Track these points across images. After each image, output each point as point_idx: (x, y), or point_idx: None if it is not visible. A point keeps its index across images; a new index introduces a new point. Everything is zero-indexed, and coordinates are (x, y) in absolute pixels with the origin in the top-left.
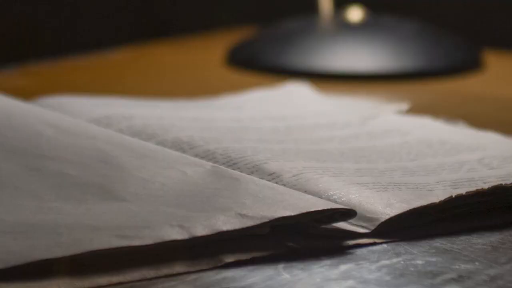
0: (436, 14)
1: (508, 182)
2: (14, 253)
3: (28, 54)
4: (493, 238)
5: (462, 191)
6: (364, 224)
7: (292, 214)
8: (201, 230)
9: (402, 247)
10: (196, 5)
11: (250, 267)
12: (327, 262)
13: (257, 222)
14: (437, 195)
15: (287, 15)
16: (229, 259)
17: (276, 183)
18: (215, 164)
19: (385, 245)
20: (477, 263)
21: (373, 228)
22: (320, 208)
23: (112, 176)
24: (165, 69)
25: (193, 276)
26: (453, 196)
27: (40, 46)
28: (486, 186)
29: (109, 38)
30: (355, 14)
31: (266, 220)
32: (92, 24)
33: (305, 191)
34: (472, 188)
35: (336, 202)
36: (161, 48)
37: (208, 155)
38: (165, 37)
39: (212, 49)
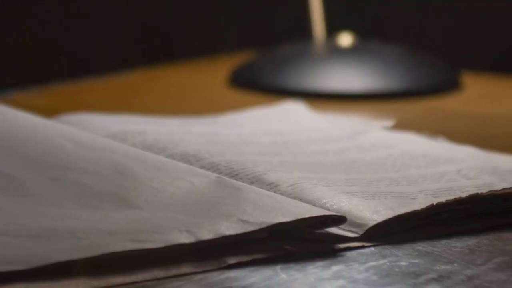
0: (418, 39)
1: (483, 191)
2: (36, 255)
3: (49, 76)
4: (470, 241)
5: (442, 199)
6: (353, 229)
7: (289, 220)
8: (206, 235)
9: (388, 250)
10: (201, 31)
11: (250, 268)
12: (320, 263)
13: (257, 227)
14: (420, 203)
15: (284, 41)
16: (232, 260)
17: (274, 192)
18: (219, 175)
19: (372, 248)
20: (455, 264)
21: (361, 232)
22: (314, 215)
23: (126, 185)
24: (173, 89)
25: (199, 276)
26: (434, 204)
27: (60, 69)
28: (463, 195)
29: (122, 62)
30: (345, 39)
31: (265, 225)
32: (107, 48)
33: (301, 200)
34: (451, 196)
35: (328, 209)
36: (169, 71)
37: (213, 167)
38: (173, 61)
39: (216, 71)
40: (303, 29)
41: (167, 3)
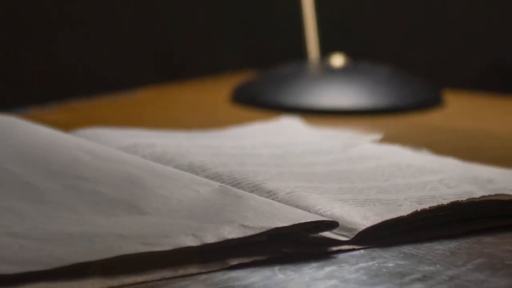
0: (404, 59)
1: (463, 199)
2: (56, 257)
3: (67, 93)
4: (451, 245)
5: (426, 206)
6: (345, 233)
7: (286, 225)
8: (210, 238)
9: (376, 252)
10: (206, 53)
11: (251, 269)
12: (314, 264)
13: (257, 231)
14: (405, 210)
15: (282, 61)
16: (234, 262)
17: (273, 199)
18: (222, 184)
19: (362, 251)
20: (438, 266)
21: (352, 236)
22: (309, 220)
23: (137, 194)
24: (180, 106)
25: (204, 276)
26: (418, 210)
27: (76, 87)
28: (445, 202)
29: (134, 81)
30: (337, 60)
31: (264, 230)
32: (120, 68)
33: (297, 206)
34: (434, 204)
35: (322, 215)
36: (177, 89)
37: (217, 177)
38: (180, 80)
39: (219, 90)
40: (299, 51)
41: (175, 28)
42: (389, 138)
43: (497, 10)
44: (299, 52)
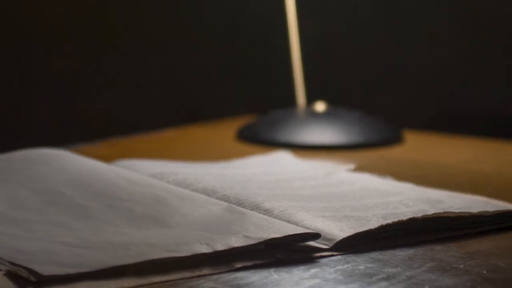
0: (372, 105)
1: (419, 215)
2: (98, 261)
3: (108, 132)
4: (409, 251)
5: (389, 221)
6: (326, 243)
7: (280, 236)
8: (220, 246)
9: (350, 257)
10: (217, 101)
11: (252, 271)
12: (302, 267)
13: (257, 241)
14: (373, 224)
15: (276, 107)
16: (238, 265)
17: (269, 216)
18: (229, 204)
19: (339, 256)
20: (399, 268)
21: (332, 245)
22: (298, 232)
23: (163, 211)
24: (197, 142)
25: (215, 276)
26: (383, 224)
27: (116, 127)
28: (404, 218)
29: (160, 123)
30: (320, 107)
31: (262, 240)
32: (150, 113)
33: (288, 221)
34: (396, 219)
35: (308, 228)
36: (195, 129)
37: (225, 198)
38: (197, 122)
39: (227, 130)
40: (290, 99)
41: (193, 83)
42: (360, 168)
43: (446, 68)
44: (290, 100)
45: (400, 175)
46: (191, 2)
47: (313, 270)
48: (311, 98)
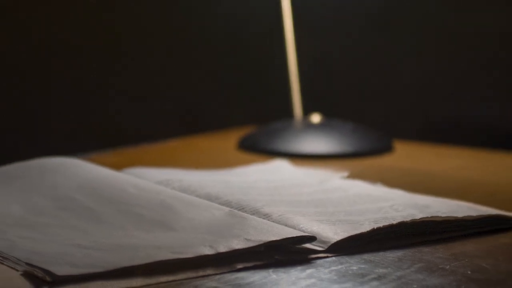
0: (364, 116)
1: (408, 219)
2: (109, 262)
3: (117, 142)
4: (399, 253)
5: (380, 225)
6: (321, 245)
7: (278, 239)
8: (222, 248)
9: (344, 258)
10: (219, 112)
11: (252, 271)
12: (299, 267)
13: (257, 243)
14: (365, 228)
15: (275, 119)
16: (240, 266)
17: (268, 220)
18: (231, 209)
19: (333, 258)
20: (389, 268)
21: (326, 247)
22: (295, 235)
23: (169, 216)
24: (200, 151)
25: (217, 276)
26: (375, 228)
27: (125, 137)
28: (394, 222)
29: (166, 133)
30: (315, 118)
31: (262, 242)
32: (156, 123)
33: (286, 225)
34: (386, 223)
35: (304, 231)
36: (198, 139)
37: (227, 203)
38: (201, 132)
39: (229, 139)
40: (288, 111)
41: (196, 95)
42: (353, 175)
43: (433, 81)
44: (288, 112)
45: (390, 182)
46: (196, 20)
47: (309, 271)
48: (307, 110)
